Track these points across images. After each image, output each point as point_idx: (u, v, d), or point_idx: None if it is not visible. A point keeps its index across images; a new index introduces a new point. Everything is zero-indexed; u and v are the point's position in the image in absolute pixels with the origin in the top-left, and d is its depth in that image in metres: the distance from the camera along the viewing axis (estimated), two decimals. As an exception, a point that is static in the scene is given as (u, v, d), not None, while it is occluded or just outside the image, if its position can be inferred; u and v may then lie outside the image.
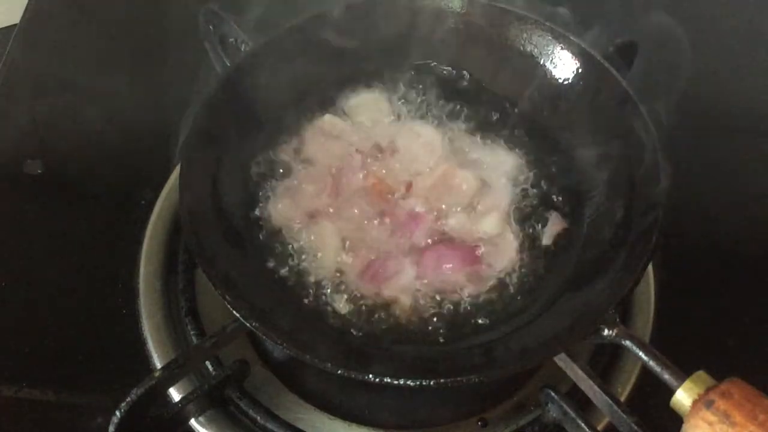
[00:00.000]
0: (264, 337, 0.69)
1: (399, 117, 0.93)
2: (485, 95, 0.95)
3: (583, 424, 0.74)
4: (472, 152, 0.90)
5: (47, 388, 0.83)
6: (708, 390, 0.61)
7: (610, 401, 0.70)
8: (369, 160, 0.88)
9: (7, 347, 0.87)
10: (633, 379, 0.83)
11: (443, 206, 0.85)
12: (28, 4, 1.22)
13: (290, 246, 0.83)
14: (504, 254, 0.82)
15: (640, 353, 0.67)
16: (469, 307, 0.79)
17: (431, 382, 0.66)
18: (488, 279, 0.81)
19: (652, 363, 0.65)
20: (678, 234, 0.84)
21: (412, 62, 0.96)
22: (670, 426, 0.64)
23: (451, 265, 0.81)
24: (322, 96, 0.94)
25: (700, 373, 0.63)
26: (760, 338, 0.90)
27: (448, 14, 0.94)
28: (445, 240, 0.83)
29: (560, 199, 0.87)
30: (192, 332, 0.86)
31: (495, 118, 0.93)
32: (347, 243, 0.83)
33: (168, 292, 0.89)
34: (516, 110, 0.93)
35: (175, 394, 0.80)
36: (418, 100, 0.94)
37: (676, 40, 0.81)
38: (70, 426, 0.81)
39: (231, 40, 0.93)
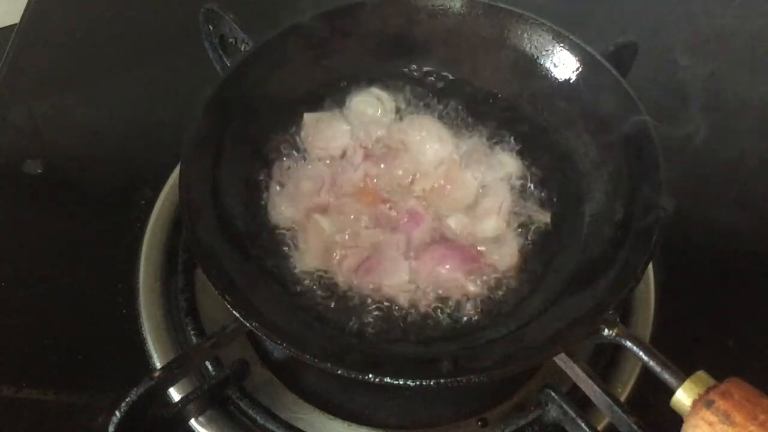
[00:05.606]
0: (264, 337, 0.69)
1: (400, 117, 0.93)
2: (484, 95, 0.95)
3: (583, 424, 0.74)
4: (472, 153, 0.89)
5: (47, 388, 0.83)
6: (708, 390, 0.61)
7: (610, 401, 0.70)
8: (369, 161, 0.88)
9: (7, 347, 0.87)
10: (633, 379, 0.83)
11: (443, 206, 0.85)
12: (28, 4, 1.22)
13: (290, 245, 0.83)
14: (504, 254, 0.82)
15: (640, 353, 0.67)
16: (468, 307, 0.79)
17: (431, 382, 0.66)
18: (488, 279, 0.81)
19: (652, 363, 0.65)
20: (678, 234, 0.83)
21: (412, 62, 0.96)
22: (670, 426, 0.64)
23: (450, 265, 0.80)
24: (322, 96, 0.94)
25: (700, 373, 0.63)
26: (760, 338, 0.90)
27: (448, 14, 0.94)
28: (444, 240, 0.83)
29: (560, 199, 0.86)
30: (192, 332, 0.86)
31: (494, 118, 0.93)
32: (346, 242, 0.83)
33: (168, 292, 0.89)
34: (516, 110, 0.93)
35: (175, 394, 0.80)
36: (418, 99, 0.94)
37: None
38: (70, 426, 0.81)
39: (231, 40, 0.93)
